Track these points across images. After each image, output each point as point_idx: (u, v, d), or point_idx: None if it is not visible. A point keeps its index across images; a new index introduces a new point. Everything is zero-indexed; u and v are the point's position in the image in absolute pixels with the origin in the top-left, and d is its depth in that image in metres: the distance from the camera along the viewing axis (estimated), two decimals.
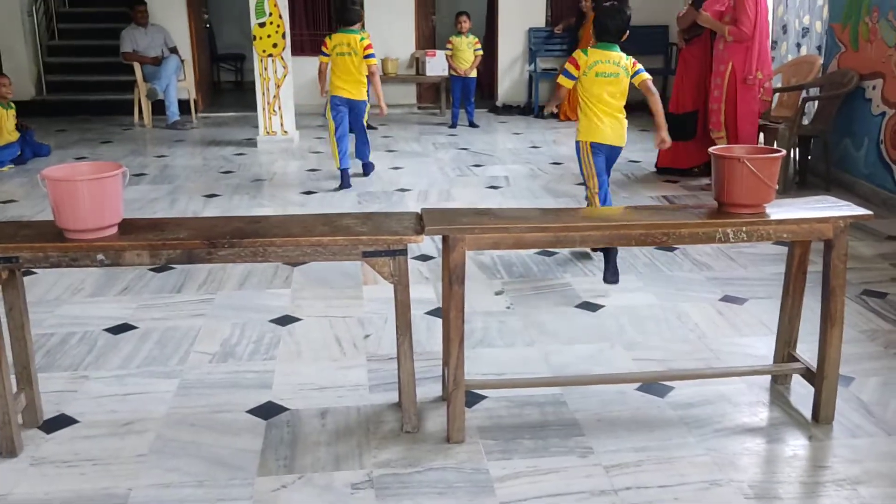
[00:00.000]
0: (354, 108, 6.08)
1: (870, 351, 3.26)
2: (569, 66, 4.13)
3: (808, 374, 2.78)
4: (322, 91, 6.34)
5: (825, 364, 2.66)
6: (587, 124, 4.15)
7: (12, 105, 7.15)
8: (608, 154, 4.21)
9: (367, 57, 5.93)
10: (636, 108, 9.97)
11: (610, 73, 4.13)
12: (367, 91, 6.12)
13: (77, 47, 10.41)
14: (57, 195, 2.31)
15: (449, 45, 8.84)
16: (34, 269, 4.10)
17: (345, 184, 6.02)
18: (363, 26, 7.61)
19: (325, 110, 6.45)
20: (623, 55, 4.20)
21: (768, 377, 3.00)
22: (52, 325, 3.52)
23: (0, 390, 2.46)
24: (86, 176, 2.34)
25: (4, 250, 2.33)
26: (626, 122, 4.23)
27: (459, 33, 8.79)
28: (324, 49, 6.03)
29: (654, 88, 4.22)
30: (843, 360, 2.71)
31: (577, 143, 4.23)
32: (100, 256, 2.36)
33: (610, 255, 4.04)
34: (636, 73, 4.20)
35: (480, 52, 8.88)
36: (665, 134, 4.21)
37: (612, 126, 4.16)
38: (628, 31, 4.25)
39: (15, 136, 7.04)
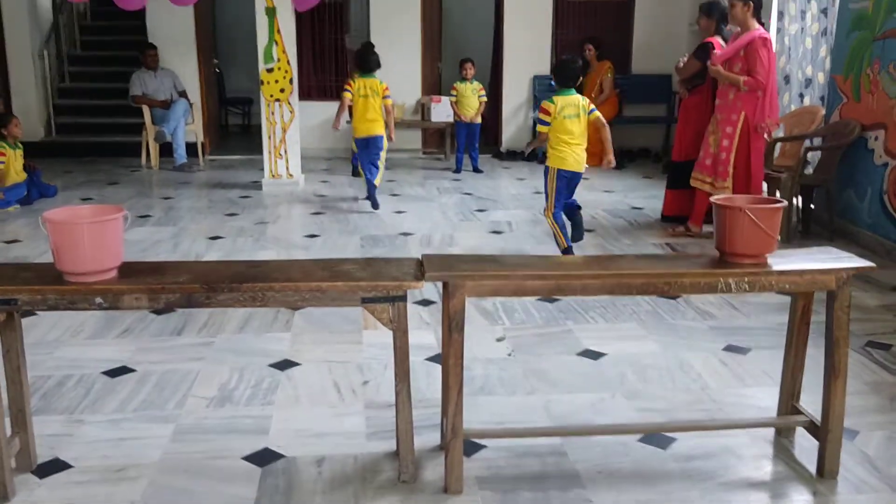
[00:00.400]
0: (374, 142, 6.91)
1: (875, 404, 3.22)
2: (542, 115, 5.09)
3: (813, 428, 2.74)
4: (337, 123, 6.94)
5: (829, 417, 2.62)
6: (557, 155, 5.10)
7: (20, 145, 7.23)
8: (571, 178, 5.18)
9: (385, 97, 6.91)
10: (638, 155, 10.08)
11: (573, 114, 5.04)
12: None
13: (87, 90, 10.55)
14: (57, 238, 2.31)
15: (454, 91, 8.94)
16: (34, 312, 4.09)
17: (371, 196, 6.88)
18: None
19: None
20: (580, 97, 5.11)
21: (772, 429, 2.96)
22: (50, 368, 3.50)
23: None
24: (86, 219, 2.34)
25: (3, 292, 2.32)
26: (584, 152, 5.15)
27: (464, 80, 8.89)
28: (348, 87, 6.89)
29: (604, 121, 5.16)
30: (847, 412, 2.68)
31: (547, 168, 5.19)
32: (98, 300, 2.36)
33: (577, 219, 5.31)
34: (590, 111, 5.10)
35: (485, 99, 8.97)
36: (612, 156, 5.20)
37: (575, 156, 5.09)
38: (581, 77, 5.42)
39: (22, 176, 7.11)
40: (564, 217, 5.28)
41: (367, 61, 6.98)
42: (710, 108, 5.98)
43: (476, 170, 8.90)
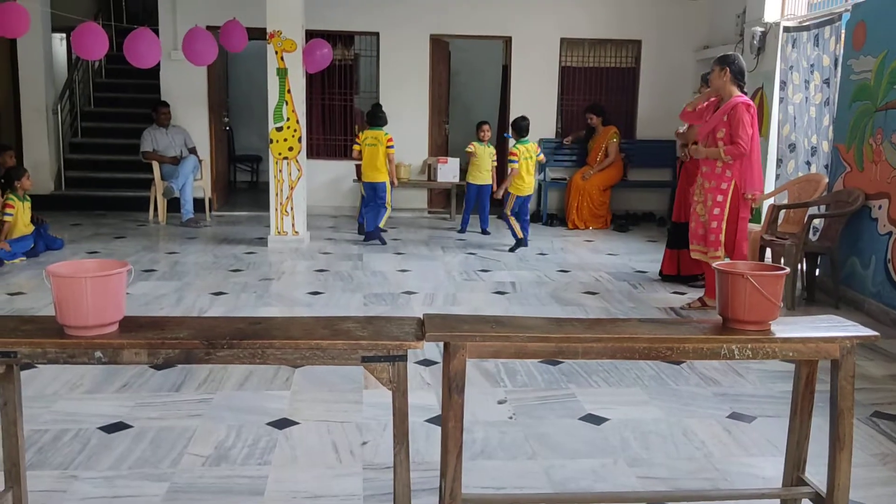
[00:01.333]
0: (379, 187, 8.07)
1: (881, 476, 3.16)
2: (512, 157, 7.97)
3: (818, 499, 2.68)
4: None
5: (835, 490, 2.57)
6: (517, 184, 7.94)
7: (28, 198, 7.31)
8: (524, 200, 8.03)
9: (389, 147, 8.06)
10: (643, 218, 10.13)
11: (528, 157, 8.02)
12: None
13: (99, 145, 10.72)
14: (60, 291, 2.32)
15: (471, 149, 8.93)
16: (34, 364, 4.07)
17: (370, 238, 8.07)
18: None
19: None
20: (533, 144, 8.18)
21: (777, 500, 2.89)
22: (47, 422, 3.47)
23: None
24: (90, 273, 2.35)
25: (3, 345, 2.31)
26: (533, 181, 8.03)
27: (481, 141, 8.95)
28: (357, 140, 8.25)
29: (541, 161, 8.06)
30: (853, 484, 2.62)
31: (508, 193, 7.96)
32: (98, 354, 2.34)
33: (526, 226, 8.10)
34: (538, 154, 8.22)
35: (496, 163, 9.08)
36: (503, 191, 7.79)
37: (528, 184, 7.98)
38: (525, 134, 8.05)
39: (30, 229, 7.18)
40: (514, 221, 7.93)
41: (376, 116, 8.24)
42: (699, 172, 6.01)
43: (484, 231, 8.94)
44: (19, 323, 2.52)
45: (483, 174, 8.90)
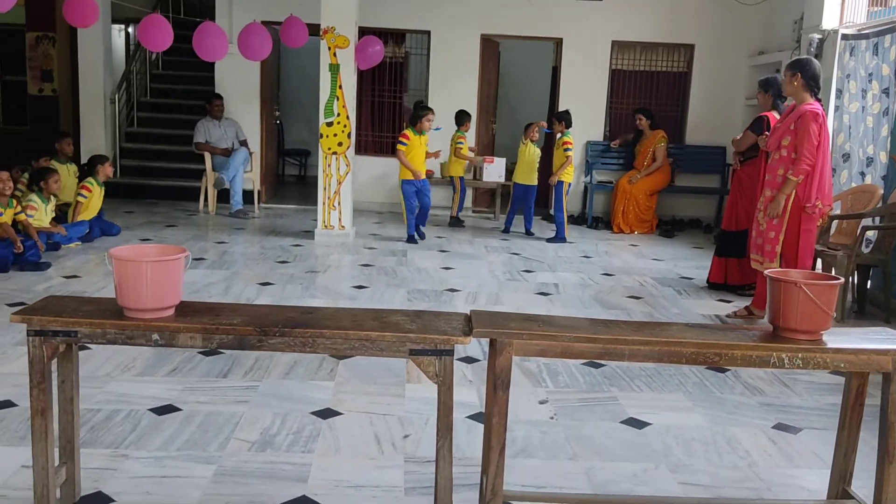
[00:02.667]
0: (423, 186, 8.19)
1: None
2: (568, 146, 8.56)
3: None
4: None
5: (882, 502, 2.53)
6: (571, 171, 8.68)
7: (104, 186, 7.71)
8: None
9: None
10: (689, 224, 10.01)
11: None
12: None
13: (153, 135, 10.95)
14: (121, 274, 2.39)
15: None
16: (89, 345, 4.19)
17: (412, 240, 8.04)
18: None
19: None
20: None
21: None
22: (100, 402, 3.57)
23: (43, 462, 2.49)
24: (150, 258, 2.42)
25: (65, 324, 2.40)
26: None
27: (532, 141, 8.93)
28: (404, 140, 8.08)
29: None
30: None
31: (561, 182, 8.55)
32: (155, 336, 2.42)
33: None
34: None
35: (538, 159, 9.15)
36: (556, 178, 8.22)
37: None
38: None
39: (96, 213, 7.54)
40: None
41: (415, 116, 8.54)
42: (762, 180, 5.93)
43: (528, 232, 8.92)
44: (80, 304, 2.61)
45: (530, 175, 8.89)
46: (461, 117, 9.39)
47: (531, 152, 8.89)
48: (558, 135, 8.64)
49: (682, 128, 10.32)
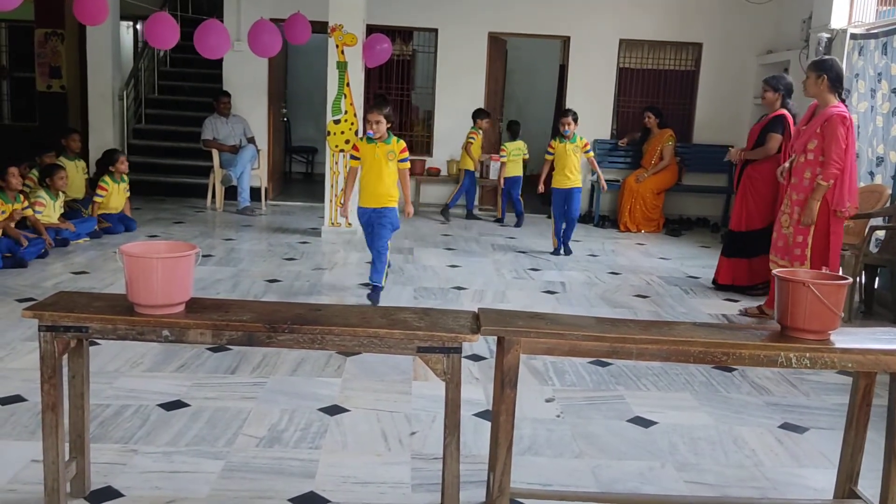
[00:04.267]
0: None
1: None
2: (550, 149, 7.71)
3: None
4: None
5: (888, 502, 2.53)
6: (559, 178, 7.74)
7: (125, 179, 7.86)
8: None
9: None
10: (696, 223, 9.99)
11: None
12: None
13: (161, 132, 10.98)
14: (132, 270, 2.41)
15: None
16: (98, 341, 4.22)
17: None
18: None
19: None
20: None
21: None
22: (109, 397, 3.60)
23: (53, 457, 2.51)
24: (161, 254, 2.44)
25: (77, 319, 2.42)
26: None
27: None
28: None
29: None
30: None
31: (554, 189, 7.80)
32: (165, 332, 2.43)
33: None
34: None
35: (526, 157, 9.55)
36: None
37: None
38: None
39: (118, 209, 7.76)
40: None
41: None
42: (775, 179, 5.90)
43: (519, 215, 9.40)
44: (91, 299, 2.63)
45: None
46: (476, 114, 9.51)
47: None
48: (573, 135, 7.66)
49: (689, 126, 10.30)
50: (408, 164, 5.59)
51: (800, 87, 5.59)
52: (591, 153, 7.83)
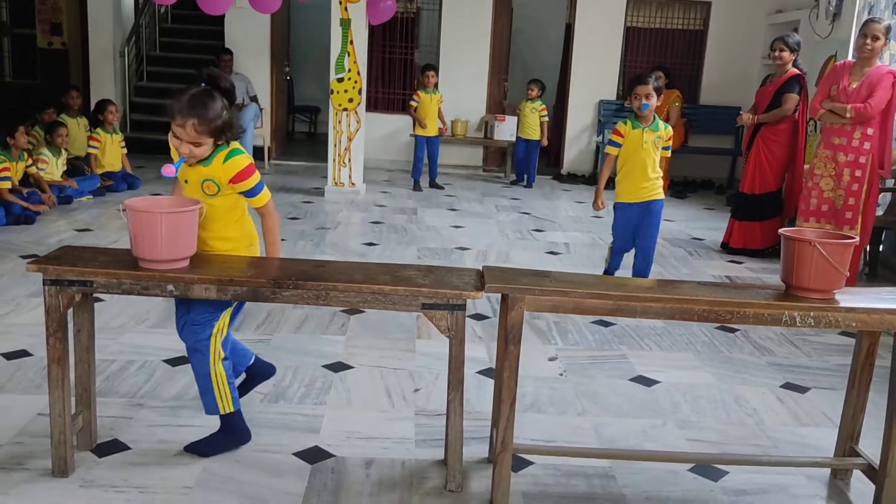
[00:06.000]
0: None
1: None
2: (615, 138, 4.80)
3: (871, 471, 2.67)
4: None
5: (889, 462, 2.55)
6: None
7: (118, 132, 7.84)
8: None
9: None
10: (701, 185, 9.93)
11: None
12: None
13: (163, 89, 10.87)
14: (136, 225, 2.40)
15: (518, 111, 9.06)
16: (102, 297, 4.23)
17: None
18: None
19: None
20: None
21: (828, 470, 2.89)
22: (114, 352, 3.62)
23: (60, 409, 2.53)
24: (165, 209, 2.43)
25: (81, 274, 2.42)
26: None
27: (529, 99, 9.03)
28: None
29: None
30: None
31: None
32: (170, 287, 2.44)
33: None
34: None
35: (546, 119, 9.09)
36: None
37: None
38: None
39: (117, 166, 7.74)
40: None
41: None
42: (793, 142, 5.85)
43: (528, 185, 9.18)
44: (95, 254, 2.63)
45: (528, 130, 9.07)
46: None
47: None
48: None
49: (696, 87, 10.20)
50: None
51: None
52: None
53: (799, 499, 2.73)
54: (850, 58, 7.32)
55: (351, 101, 7.85)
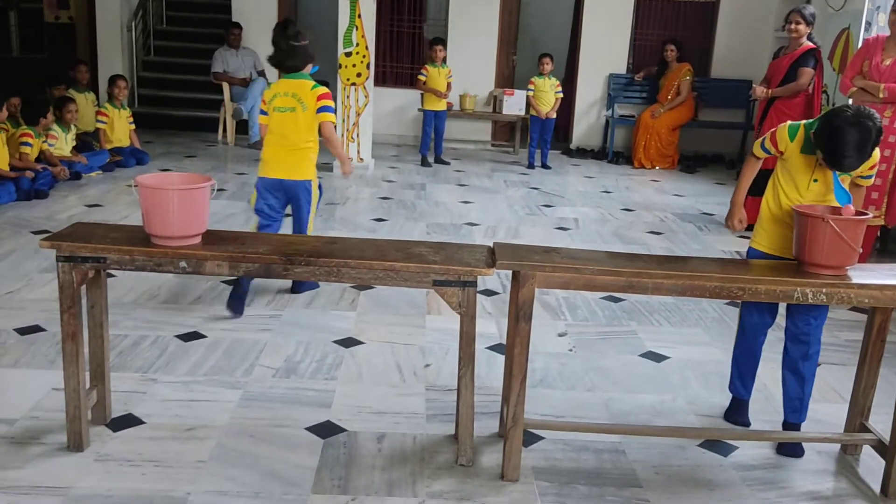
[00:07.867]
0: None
1: None
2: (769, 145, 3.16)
3: (880, 447, 2.68)
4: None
5: None
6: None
7: (126, 107, 7.79)
8: None
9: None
10: (711, 160, 9.87)
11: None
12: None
13: (170, 64, 10.84)
14: (148, 202, 2.41)
15: (531, 86, 8.87)
16: (114, 273, 4.25)
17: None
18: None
19: None
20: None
21: (837, 445, 2.90)
22: (127, 328, 3.64)
23: (74, 384, 2.55)
24: (177, 185, 2.43)
25: (94, 250, 2.43)
26: None
27: (541, 75, 8.82)
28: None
29: None
30: None
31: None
32: (182, 264, 2.45)
33: None
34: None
35: (561, 95, 8.91)
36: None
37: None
38: None
39: (125, 141, 7.70)
40: None
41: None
42: (807, 116, 5.77)
43: (544, 166, 8.86)
44: (107, 231, 2.64)
45: (545, 107, 8.77)
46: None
47: (546, 84, 8.82)
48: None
49: (707, 61, 10.09)
50: None
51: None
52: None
53: (808, 473, 2.74)
54: (862, 31, 7.25)
55: (359, 75, 7.81)
